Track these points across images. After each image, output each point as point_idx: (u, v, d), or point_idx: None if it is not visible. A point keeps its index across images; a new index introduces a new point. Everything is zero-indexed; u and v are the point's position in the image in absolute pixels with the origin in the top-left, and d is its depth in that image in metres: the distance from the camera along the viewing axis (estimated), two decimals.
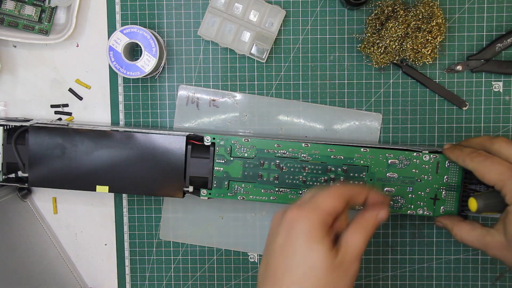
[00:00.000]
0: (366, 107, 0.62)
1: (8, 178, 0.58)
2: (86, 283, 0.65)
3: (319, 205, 0.44)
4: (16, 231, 0.61)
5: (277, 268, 0.44)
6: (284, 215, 0.45)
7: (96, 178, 0.56)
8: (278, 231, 0.45)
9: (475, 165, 0.50)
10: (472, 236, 0.52)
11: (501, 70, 0.60)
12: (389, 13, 0.58)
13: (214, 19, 0.60)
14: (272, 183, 0.56)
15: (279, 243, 0.44)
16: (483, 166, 0.49)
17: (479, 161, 0.50)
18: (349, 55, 0.61)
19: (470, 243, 0.53)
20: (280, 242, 0.44)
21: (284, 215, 0.45)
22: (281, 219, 0.45)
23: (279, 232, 0.45)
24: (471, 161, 0.51)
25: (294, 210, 0.44)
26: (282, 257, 0.44)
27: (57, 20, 0.62)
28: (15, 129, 0.57)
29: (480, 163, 0.50)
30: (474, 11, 0.60)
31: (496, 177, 0.48)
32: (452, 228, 0.54)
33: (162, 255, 0.64)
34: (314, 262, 0.43)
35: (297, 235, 0.43)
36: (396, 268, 0.63)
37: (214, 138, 0.56)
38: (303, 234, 0.43)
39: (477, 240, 0.52)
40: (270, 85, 0.62)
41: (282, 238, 0.44)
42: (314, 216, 0.44)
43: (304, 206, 0.45)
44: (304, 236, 0.43)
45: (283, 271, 0.43)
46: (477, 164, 0.50)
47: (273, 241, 0.45)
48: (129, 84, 0.63)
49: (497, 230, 0.50)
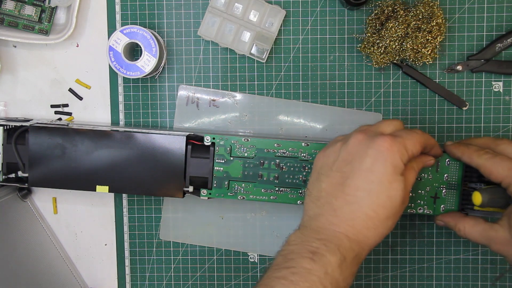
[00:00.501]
0: (366, 107, 0.62)
1: (8, 178, 0.58)
2: (86, 283, 0.65)
3: (407, 146, 0.47)
4: (16, 231, 0.61)
5: (358, 189, 0.46)
6: (376, 140, 0.47)
7: (96, 178, 0.56)
8: (367, 154, 0.47)
9: (483, 161, 0.51)
10: (475, 230, 0.52)
11: (501, 70, 0.60)
12: (389, 13, 0.58)
13: (214, 19, 0.60)
14: (272, 182, 0.56)
15: (366, 166, 0.46)
16: (492, 163, 0.50)
17: (487, 158, 0.51)
18: (349, 55, 0.61)
19: (473, 238, 0.53)
20: (367, 165, 0.46)
21: (374, 140, 0.47)
22: (370, 142, 0.47)
23: (367, 155, 0.47)
24: (479, 157, 0.51)
25: (388, 141, 0.47)
26: (367, 180, 0.46)
27: (57, 20, 0.62)
28: (15, 129, 0.57)
29: (488, 160, 0.51)
30: (474, 11, 0.60)
31: (505, 173, 0.50)
32: (455, 224, 0.54)
33: (162, 255, 0.64)
34: (395, 195, 0.46)
35: (387, 166, 0.46)
36: (396, 268, 0.63)
37: (214, 138, 0.56)
38: (392, 167, 0.46)
39: (481, 234, 0.52)
40: (270, 85, 0.62)
41: (369, 162, 0.46)
42: (404, 153, 0.47)
43: (398, 141, 0.47)
44: (393, 170, 0.46)
45: (366, 193, 0.46)
46: (485, 161, 0.51)
47: (358, 162, 0.47)
48: (129, 84, 0.63)
49: (501, 225, 0.50)
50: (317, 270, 0.44)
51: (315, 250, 0.45)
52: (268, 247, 0.63)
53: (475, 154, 0.52)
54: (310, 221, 0.48)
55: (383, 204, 0.46)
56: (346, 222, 0.46)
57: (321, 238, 0.46)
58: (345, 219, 0.46)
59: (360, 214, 0.46)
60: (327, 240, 0.46)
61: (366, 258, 0.63)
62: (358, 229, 0.46)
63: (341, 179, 0.47)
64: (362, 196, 0.46)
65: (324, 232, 0.46)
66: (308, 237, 0.47)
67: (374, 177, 0.46)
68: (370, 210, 0.46)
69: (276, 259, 0.47)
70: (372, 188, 0.46)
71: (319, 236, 0.46)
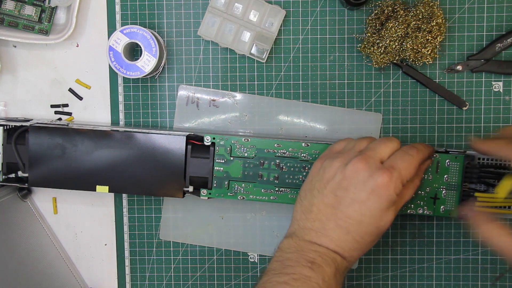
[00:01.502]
0: (366, 107, 0.62)
1: (8, 178, 0.58)
2: (86, 283, 0.65)
3: (403, 176, 0.49)
4: (16, 231, 0.61)
5: (350, 218, 0.48)
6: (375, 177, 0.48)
7: (96, 178, 0.56)
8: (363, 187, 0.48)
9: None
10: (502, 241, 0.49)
11: (501, 70, 0.60)
12: (389, 13, 0.58)
13: (214, 19, 0.60)
14: (272, 182, 0.56)
15: (360, 198, 0.48)
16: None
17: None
18: (349, 55, 0.61)
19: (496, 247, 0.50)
20: (362, 198, 0.48)
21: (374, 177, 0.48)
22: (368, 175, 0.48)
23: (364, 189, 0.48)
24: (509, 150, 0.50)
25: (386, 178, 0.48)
26: (359, 212, 0.48)
27: (57, 20, 0.62)
28: (15, 129, 0.57)
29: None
30: (474, 11, 0.60)
31: None
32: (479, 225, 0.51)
33: (162, 255, 0.64)
34: (384, 225, 0.49)
35: (381, 202, 0.48)
36: (396, 268, 0.63)
37: (214, 138, 0.56)
38: (387, 201, 0.48)
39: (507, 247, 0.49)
40: (270, 85, 0.62)
41: (365, 196, 0.48)
42: (399, 186, 0.48)
43: (395, 176, 0.48)
44: (387, 203, 0.48)
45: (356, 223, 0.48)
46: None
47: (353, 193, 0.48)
48: (129, 84, 0.63)
49: None
50: (316, 278, 0.47)
51: (313, 260, 0.48)
52: (268, 247, 0.63)
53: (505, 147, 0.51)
54: (302, 233, 0.50)
55: (370, 233, 0.49)
56: (335, 243, 0.49)
57: (317, 250, 0.48)
58: (334, 240, 0.49)
59: (349, 239, 0.49)
60: (321, 253, 0.48)
61: (366, 258, 0.63)
62: (346, 249, 0.49)
63: (334, 203, 0.49)
64: (352, 224, 0.48)
65: (318, 247, 0.49)
66: (303, 247, 0.49)
67: (367, 210, 0.48)
68: (358, 237, 0.49)
69: (272, 264, 0.49)
70: (363, 219, 0.48)
71: (314, 248, 0.49)
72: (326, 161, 0.51)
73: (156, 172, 0.56)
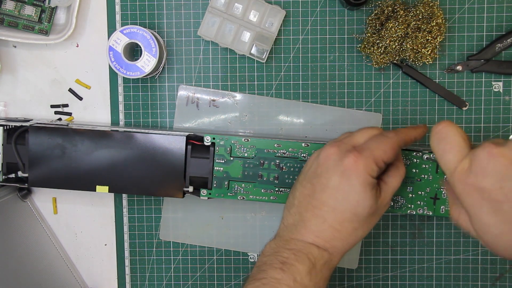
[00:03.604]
0: (366, 107, 0.62)
1: (8, 178, 0.58)
2: (86, 283, 0.65)
3: (377, 156, 0.47)
4: (16, 231, 0.61)
5: (324, 204, 0.47)
6: (343, 159, 0.46)
7: (96, 178, 0.56)
8: (334, 172, 0.47)
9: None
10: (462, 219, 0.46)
11: (501, 70, 0.60)
12: (389, 13, 0.58)
13: (214, 19, 0.60)
14: (272, 183, 0.56)
15: (332, 183, 0.47)
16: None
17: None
18: (349, 55, 0.61)
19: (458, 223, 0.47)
20: (333, 183, 0.47)
21: (342, 159, 0.47)
22: (338, 159, 0.47)
23: (334, 173, 0.47)
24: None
25: (354, 156, 0.46)
26: (333, 197, 0.47)
27: (57, 20, 0.62)
28: (15, 129, 0.57)
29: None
30: (474, 11, 0.60)
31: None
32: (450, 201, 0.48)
33: (162, 255, 0.64)
34: (364, 209, 0.47)
35: (353, 182, 0.46)
36: (396, 268, 0.63)
37: (214, 138, 0.56)
38: (359, 183, 0.46)
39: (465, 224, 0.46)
40: (270, 85, 0.62)
41: (336, 180, 0.47)
42: (373, 167, 0.46)
43: (364, 156, 0.46)
44: (359, 185, 0.46)
45: (332, 209, 0.47)
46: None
47: (326, 178, 0.47)
48: (129, 84, 0.63)
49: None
50: (286, 279, 0.46)
51: (285, 260, 0.46)
52: None
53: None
54: (284, 231, 0.50)
55: (349, 219, 0.47)
56: (314, 234, 0.47)
57: (291, 248, 0.47)
58: (312, 231, 0.47)
59: (327, 227, 0.47)
60: (296, 249, 0.47)
61: (366, 258, 0.63)
62: (326, 239, 0.47)
63: (310, 191, 0.48)
64: (328, 211, 0.47)
65: (295, 242, 0.48)
66: (279, 247, 0.48)
67: (339, 195, 0.47)
68: (336, 225, 0.47)
69: (252, 271, 0.49)
70: (337, 205, 0.47)
71: (290, 246, 0.48)
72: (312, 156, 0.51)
73: (156, 172, 0.56)
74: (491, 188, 0.38)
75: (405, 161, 0.56)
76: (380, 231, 0.63)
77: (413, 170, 0.56)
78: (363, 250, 0.63)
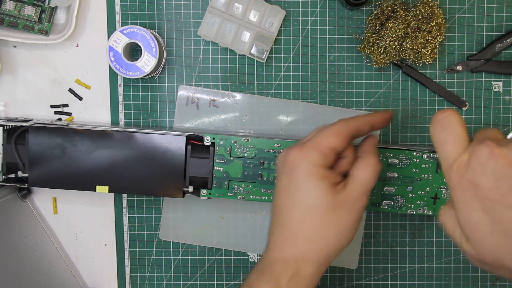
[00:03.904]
0: (366, 107, 0.62)
1: (8, 178, 0.58)
2: (86, 283, 0.65)
3: (319, 144, 0.45)
4: (16, 231, 0.61)
5: (282, 208, 0.45)
6: (286, 156, 0.46)
7: (96, 178, 0.56)
8: (282, 173, 0.46)
9: None
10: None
11: (501, 70, 0.60)
12: (389, 13, 0.58)
13: (214, 19, 0.60)
14: (272, 183, 0.56)
15: (282, 184, 0.46)
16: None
17: None
18: (349, 55, 0.61)
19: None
20: (283, 183, 0.45)
21: (286, 157, 0.46)
22: (284, 160, 0.46)
23: (283, 174, 0.46)
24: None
25: (295, 151, 0.45)
26: (285, 197, 0.45)
27: (57, 20, 0.62)
28: (15, 129, 0.57)
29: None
30: (474, 11, 0.60)
31: None
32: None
33: (162, 255, 0.64)
34: (315, 200, 0.44)
35: (298, 175, 0.44)
36: (396, 268, 0.63)
37: (214, 138, 0.56)
38: (303, 174, 0.44)
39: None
40: (270, 85, 0.62)
41: (285, 179, 0.45)
42: (314, 156, 0.44)
43: (304, 146, 0.45)
44: (305, 176, 0.44)
45: (287, 210, 0.45)
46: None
47: (277, 183, 0.46)
48: (129, 84, 0.63)
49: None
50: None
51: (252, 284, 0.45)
52: None
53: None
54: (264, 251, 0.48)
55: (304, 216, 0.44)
56: (278, 247, 0.45)
57: (259, 269, 0.46)
58: (276, 243, 0.46)
59: (288, 233, 0.45)
60: (262, 270, 0.45)
61: (366, 258, 0.63)
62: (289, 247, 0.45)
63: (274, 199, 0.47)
64: (284, 215, 0.45)
65: (261, 262, 0.46)
66: (251, 273, 0.46)
67: (289, 194, 0.45)
68: (294, 226, 0.44)
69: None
70: (288, 204, 0.45)
71: (258, 268, 0.46)
72: None
73: (156, 172, 0.56)
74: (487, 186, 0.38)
75: (405, 161, 0.56)
76: (380, 231, 0.63)
77: (413, 170, 0.56)
78: (363, 250, 0.63)
